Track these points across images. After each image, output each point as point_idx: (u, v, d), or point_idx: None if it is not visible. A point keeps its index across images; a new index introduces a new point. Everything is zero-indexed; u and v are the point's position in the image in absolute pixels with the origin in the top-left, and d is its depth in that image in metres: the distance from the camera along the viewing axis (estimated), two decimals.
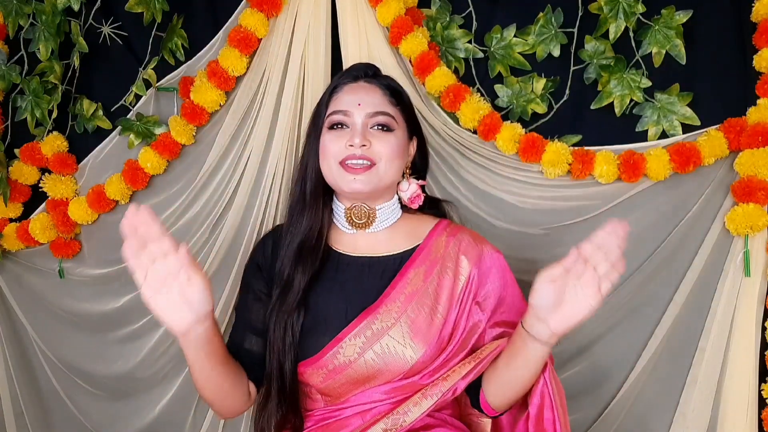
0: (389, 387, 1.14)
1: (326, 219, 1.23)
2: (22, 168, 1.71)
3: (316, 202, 1.22)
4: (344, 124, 1.19)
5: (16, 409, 1.83)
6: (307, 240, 1.20)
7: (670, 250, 1.54)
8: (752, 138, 1.46)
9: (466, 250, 1.21)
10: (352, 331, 1.13)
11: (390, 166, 1.18)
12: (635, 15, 1.50)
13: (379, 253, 1.22)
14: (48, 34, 1.64)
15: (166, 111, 1.68)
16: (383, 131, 1.19)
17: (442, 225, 1.26)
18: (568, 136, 1.56)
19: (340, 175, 1.17)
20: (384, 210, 1.23)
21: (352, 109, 1.19)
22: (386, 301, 1.15)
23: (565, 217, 1.57)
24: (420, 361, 1.13)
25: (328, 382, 1.15)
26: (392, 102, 1.22)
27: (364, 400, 1.15)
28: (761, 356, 1.50)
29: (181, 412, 1.72)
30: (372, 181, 1.17)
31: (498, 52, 1.59)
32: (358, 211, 1.21)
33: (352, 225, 1.22)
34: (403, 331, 1.13)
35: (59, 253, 1.73)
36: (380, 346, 1.13)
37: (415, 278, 1.17)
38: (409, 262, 1.19)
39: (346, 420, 1.15)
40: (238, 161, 1.63)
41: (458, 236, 1.24)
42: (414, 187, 1.26)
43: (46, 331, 1.80)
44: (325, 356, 1.13)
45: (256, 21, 1.56)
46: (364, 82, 1.23)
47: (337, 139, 1.18)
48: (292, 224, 1.23)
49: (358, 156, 1.16)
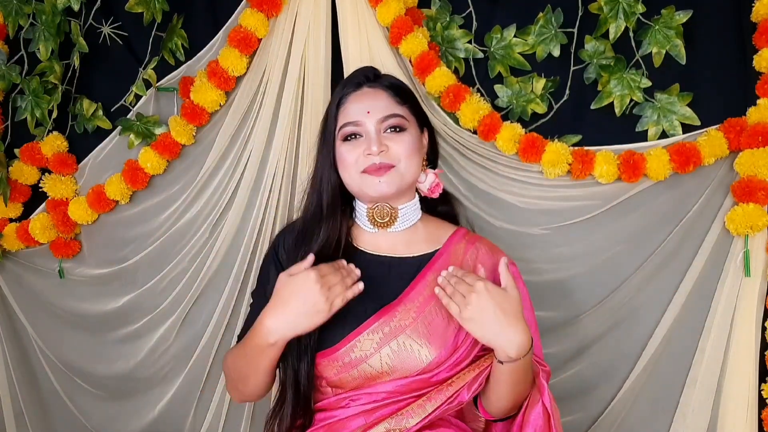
0: (398, 384, 1.15)
1: (344, 229, 1.25)
2: (22, 168, 1.71)
3: (333, 214, 1.24)
4: (358, 134, 1.21)
5: (16, 409, 1.83)
6: (324, 250, 1.22)
7: (670, 250, 1.54)
8: (752, 138, 1.46)
9: (484, 260, 1.24)
10: (369, 327, 1.15)
11: (409, 164, 1.21)
12: (635, 15, 1.49)
13: (400, 254, 1.24)
14: (48, 34, 1.64)
15: (166, 111, 1.68)
16: (396, 132, 1.21)
17: (461, 232, 1.29)
18: (568, 136, 1.56)
19: (364, 182, 1.20)
20: (406, 210, 1.25)
21: (362, 118, 1.20)
22: (405, 300, 1.18)
23: (565, 217, 1.57)
24: (434, 361, 1.15)
25: (341, 375, 1.16)
26: (399, 101, 1.23)
27: (371, 393, 1.16)
28: (761, 356, 1.50)
29: (181, 412, 1.72)
30: (396, 181, 1.19)
31: (498, 52, 1.59)
32: (381, 210, 1.23)
33: (374, 224, 1.24)
34: (420, 331, 1.15)
35: (59, 253, 1.74)
36: (397, 343, 1.15)
37: (433, 282, 1.18)
38: (429, 265, 1.22)
39: (350, 420, 1.16)
40: (238, 161, 1.63)
41: (476, 245, 1.27)
42: (431, 177, 1.27)
43: (46, 331, 1.80)
44: (341, 349, 1.15)
45: (256, 21, 1.56)
46: (367, 88, 1.24)
47: (354, 150, 1.20)
48: (307, 235, 1.24)
49: (378, 164, 1.18)
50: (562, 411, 1.58)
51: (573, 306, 1.58)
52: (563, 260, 1.58)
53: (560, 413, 1.55)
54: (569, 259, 1.58)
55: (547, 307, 1.57)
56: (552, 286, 1.58)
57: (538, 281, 1.56)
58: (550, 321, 1.57)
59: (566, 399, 1.58)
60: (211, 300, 1.67)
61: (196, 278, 1.66)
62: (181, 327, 1.70)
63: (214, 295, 1.67)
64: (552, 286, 1.58)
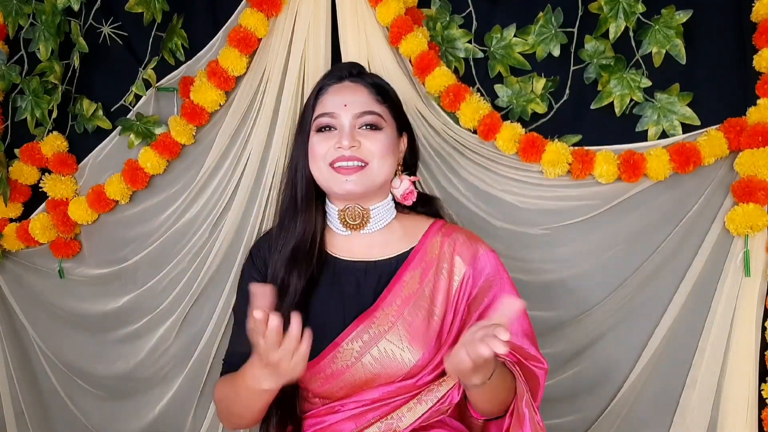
0: (386, 389, 1.14)
1: (320, 223, 1.23)
2: (22, 168, 1.71)
3: (308, 206, 1.22)
4: (332, 126, 1.19)
5: (16, 409, 1.83)
6: (301, 244, 1.19)
7: (670, 250, 1.54)
8: (752, 138, 1.46)
9: (461, 251, 1.21)
10: (348, 336, 1.13)
11: (382, 164, 1.17)
12: (635, 15, 1.49)
13: (375, 257, 1.21)
14: (48, 34, 1.64)
15: (166, 111, 1.68)
16: (372, 130, 1.18)
17: (437, 225, 1.25)
18: (568, 136, 1.56)
19: (332, 177, 1.16)
20: (378, 210, 1.21)
21: (339, 110, 1.18)
22: (382, 305, 1.15)
23: (565, 217, 1.57)
24: (418, 364, 1.13)
25: (326, 386, 1.15)
26: (378, 100, 1.21)
27: (360, 399, 1.15)
28: (761, 356, 1.50)
29: (181, 412, 1.72)
30: (364, 181, 1.16)
31: (498, 52, 1.59)
32: (352, 212, 1.20)
33: (346, 226, 1.21)
34: (400, 334, 1.13)
35: (59, 253, 1.74)
36: (378, 350, 1.13)
37: (411, 281, 1.17)
38: (405, 265, 1.19)
39: (340, 424, 1.15)
40: (238, 161, 1.63)
41: (453, 236, 1.23)
42: (406, 183, 1.24)
43: (46, 331, 1.80)
44: (322, 361, 1.14)
45: (256, 21, 1.56)
46: (349, 82, 1.22)
47: (325, 141, 1.18)
48: (283, 229, 1.22)
49: (348, 157, 1.15)
50: (563, 411, 1.59)
51: (573, 306, 1.58)
52: (563, 260, 1.58)
53: (560, 413, 1.55)
54: (569, 259, 1.58)
55: (547, 307, 1.57)
56: (552, 286, 1.58)
57: (538, 281, 1.57)
58: (551, 321, 1.57)
59: (566, 399, 1.58)
60: (211, 300, 1.67)
61: (196, 278, 1.66)
62: (181, 327, 1.70)
63: (214, 295, 1.67)
64: (552, 286, 1.58)
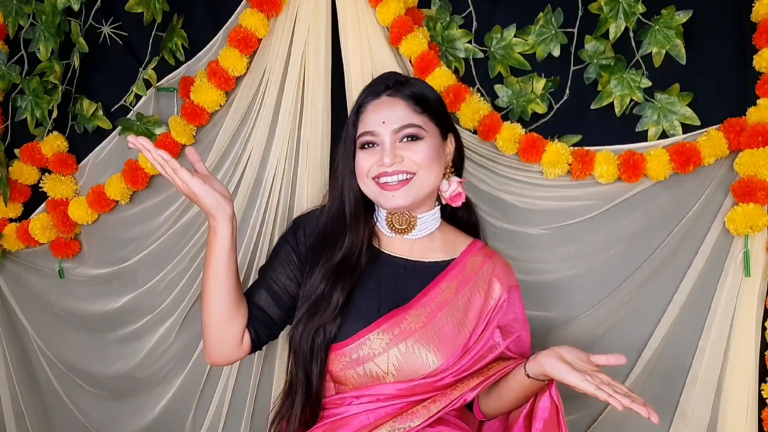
0: (400, 387, 1.16)
1: (366, 237, 1.27)
2: (22, 168, 1.71)
3: (356, 222, 1.26)
4: (374, 143, 1.22)
5: (16, 409, 1.83)
6: (348, 258, 1.23)
7: (670, 250, 1.54)
8: (752, 138, 1.46)
9: (500, 276, 1.27)
10: (379, 327, 1.17)
11: (428, 173, 1.21)
12: (635, 15, 1.49)
13: (416, 258, 1.26)
14: (48, 34, 1.64)
15: (166, 111, 1.68)
16: (413, 141, 1.21)
17: (478, 245, 1.32)
18: (568, 136, 1.56)
19: (380, 193, 1.21)
20: (424, 219, 1.26)
21: (378, 128, 1.21)
22: (417, 305, 1.20)
23: (565, 217, 1.57)
24: (440, 368, 1.16)
25: (347, 371, 1.18)
26: (417, 111, 1.22)
27: (373, 394, 1.17)
28: (761, 356, 1.50)
29: (181, 412, 1.72)
30: (411, 194, 1.20)
31: (498, 52, 1.59)
32: (399, 218, 1.26)
33: (392, 230, 1.27)
34: (429, 337, 1.17)
35: (59, 253, 1.74)
36: (406, 345, 1.17)
37: (446, 290, 1.21)
38: (443, 274, 1.25)
39: (353, 417, 1.17)
40: (238, 161, 1.63)
41: (493, 260, 1.30)
42: (455, 185, 1.28)
43: (46, 331, 1.80)
44: (351, 344, 1.17)
45: (256, 21, 1.56)
46: (386, 97, 1.24)
47: (370, 157, 1.22)
48: (330, 239, 1.25)
49: (391, 173, 1.19)
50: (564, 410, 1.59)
51: (573, 306, 1.58)
52: (563, 260, 1.58)
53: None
54: (569, 259, 1.58)
55: (547, 307, 1.57)
56: (552, 286, 1.58)
57: (538, 281, 1.57)
58: (551, 321, 1.57)
59: (566, 399, 1.57)
60: None
61: (196, 278, 1.66)
62: (181, 327, 1.70)
63: None
64: (552, 286, 1.58)
